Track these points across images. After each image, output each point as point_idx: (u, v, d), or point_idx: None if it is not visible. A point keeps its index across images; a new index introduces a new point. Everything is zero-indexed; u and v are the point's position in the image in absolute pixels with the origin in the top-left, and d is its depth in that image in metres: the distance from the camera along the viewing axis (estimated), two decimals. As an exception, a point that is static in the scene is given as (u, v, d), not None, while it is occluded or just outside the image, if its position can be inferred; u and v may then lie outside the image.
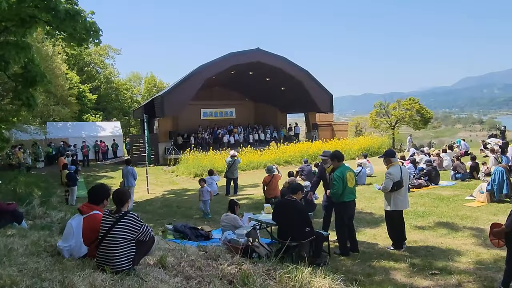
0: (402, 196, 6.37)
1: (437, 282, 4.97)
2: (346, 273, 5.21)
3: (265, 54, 25.70)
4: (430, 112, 33.74)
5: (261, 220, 6.86)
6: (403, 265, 5.59)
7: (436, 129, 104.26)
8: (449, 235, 7.02)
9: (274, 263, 4.77)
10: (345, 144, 25.51)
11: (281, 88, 28.67)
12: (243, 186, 14.84)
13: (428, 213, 8.65)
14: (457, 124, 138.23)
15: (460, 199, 10.04)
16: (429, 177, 12.44)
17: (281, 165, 20.48)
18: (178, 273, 4.11)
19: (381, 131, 32.84)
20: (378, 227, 7.74)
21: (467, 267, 5.44)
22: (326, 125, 32.05)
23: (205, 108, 30.30)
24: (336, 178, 6.13)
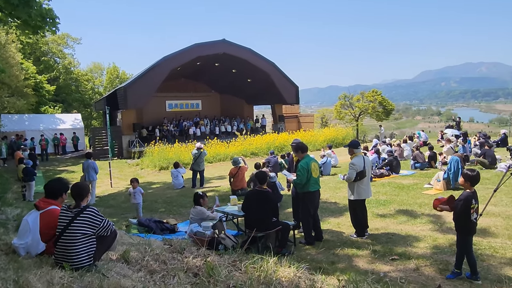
0: (364, 185, 6.54)
1: (397, 267, 5.16)
2: (311, 262, 5.32)
3: (231, 45, 25.51)
4: (392, 104, 34.82)
5: (227, 212, 6.85)
6: (365, 252, 5.77)
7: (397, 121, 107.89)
8: (408, 222, 7.30)
9: (240, 254, 4.79)
10: (311, 135, 25.90)
11: (247, 80, 28.63)
12: (209, 178, 14.76)
13: (389, 202, 8.94)
14: (417, 116, 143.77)
15: (419, 187, 10.45)
16: (391, 166, 12.87)
17: (248, 157, 20.54)
18: (142, 267, 4.04)
19: (345, 123, 33.58)
20: (342, 216, 7.93)
21: (424, 252, 5.68)
22: (292, 116, 32.38)
23: (171, 100, 29.77)
24: (300, 169, 6.20)
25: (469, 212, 4.53)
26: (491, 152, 12.98)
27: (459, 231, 4.70)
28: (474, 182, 4.63)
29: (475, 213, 4.61)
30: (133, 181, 9.23)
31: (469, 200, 4.51)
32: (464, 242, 4.67)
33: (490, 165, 12.43)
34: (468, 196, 4.54)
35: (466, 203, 4.52)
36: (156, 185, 14.59)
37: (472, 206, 4.51)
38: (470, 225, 4.60)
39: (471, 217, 4.53)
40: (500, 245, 5.79)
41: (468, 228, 4.62)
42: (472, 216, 4.54)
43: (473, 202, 4.51)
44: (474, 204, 4.52)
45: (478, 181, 4.65)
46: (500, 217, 7.15)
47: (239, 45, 26.15)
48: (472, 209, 4.52)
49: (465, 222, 4.59)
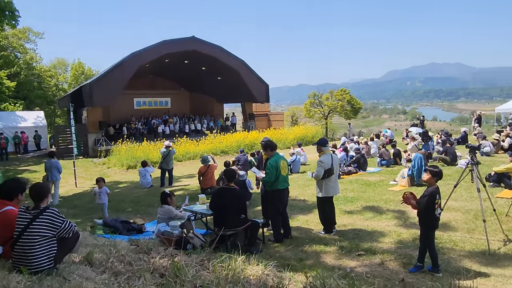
0: (332, 183, 6.64)
1: (363, 262, 5.28)
2: (279, 259, 5.35)
3: (200, 42, 25.25)
4: (360, 103, 35.64)
5: (196, 211, 6.77)
6: (333, 248, 5.86)
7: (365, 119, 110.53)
8: (374, 218, 7.48)
9: (209, 253, 4.75)
10: (281, 133, 26.07)
11: (217, 78, 28.44)
12: (179, 177, 14.57)
13: (357, 198, 9.13)
14: (384, 114, 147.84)
15: (385, 184, 10.74)
16: (358, 164, 13.16)
17: (218, 155, 20.43)
18: (106, 269, 3.92)
19: (315, 121, 34.05)
20: (310, 213, 8.02)
21: (389, 247, 5.84)
22: (263, 115, 32.47)
23: (139, 97, 29.16)
24: (269, 167, 6.22)
25: (433, 207, 4.70)
26: (452, 150, 13.51)
27: (423, 226, 4.86)
28: (439, 178, 4.81)
29: (439, 208, 4.79)
30: (99, 180, 8.97)
31: (434, 195, 4.69)
32: (427, 237, 4.83)
33: (451, 162, 12.94)
34: (433, 192, 4.71)
35: (431, 198, 4.69)
36: (123, 184, 14.25)
37: (436, 201, 4.69)
38: (434, 220, 4.77)
39: (435, 212, 4.71)
40: (460, 238, 6.03)
41: (432, 223, 4.80)
42: (436, 211, 4.72)
43: (437, 197, 4.69)
44: (437, 200, 4.70)
45: (441, 177, 4.84)
46: (460, 211, 7.45)
47: (209, 42, 25.93)
48: (436, 204, 4.69)
49: (429, 217, 4.75)
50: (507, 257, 5.22)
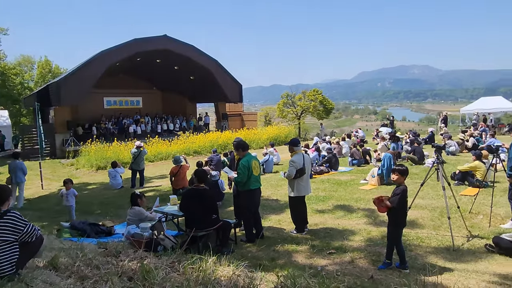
0: (304, 182, 6.70)
1: (334, 260, 5.35)
2: (251, 259, 5.34)
3: (173, 41, 24.93)
4: (332, 103, 36.18)
5: (167, 212, 6.67)
6: (304, 247, 5.91)
7: (337, 119, 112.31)
8: (345, 217, 7.60)
9: (179, 254, 4.69)
10: (254, 133, 26.10)
11: (190, 77, 28.18)
12: (150, 177, 14.34)
13: (328, 197, 9.26)
14: (355, 115, 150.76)
15: (356, 183, 10.94)
16: (330, 163, 13.35)
17: (191, 155, 20.25)
18: (72, 273, 3.80)
19: (288, 121, 34.30)
20: (283, 213, 8.06)
21: (359, 245, 5.95)
22: (236, 115, 32.45)
23: (109, 96, 28.49)
24: (241, 167, 6.21)
25: (405, 205, 4.82)
26: (420, 149, 13.94)
27: (393, 224, 4.96)
28: (406, 176, 4.96)
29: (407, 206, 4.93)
30: (66, 182, 8.68)
31: (405, 193, 4.80)
32: (396, 234, 4.95)
33: (419, 161, 13.34)
34: (404, 190, 4.82)
35: (403, 196, 4.80)
36: (93, 186, 13.88)
37: (407, 199, 4.82)
38: (404, 217, 4.89)
39: (406, 209, 4.84)
40: (426, 235, 6.22)
41: (403, 221, 4.91)
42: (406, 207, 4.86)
43: (407, 195, 4.82)
44: (407, 197, 4.84)
45: (407, 176, 4.99)
46: (426, 209, 7.68)
47: (182, 41, 25.65)
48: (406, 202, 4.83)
49: (401, 215, 4.86)
50: (469, 252, 5.42)
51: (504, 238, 5.29)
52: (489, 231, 6.22)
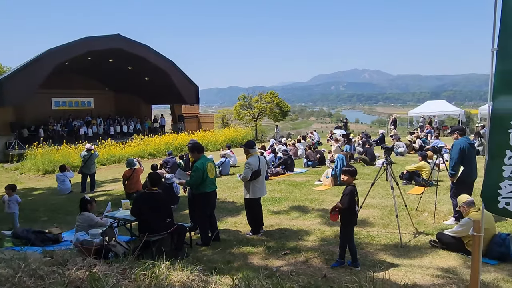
0: (259, 184, 6.73)
1: (288, 261, 5.42)
2: (206, 263, 5.29)
3: (126, 41, 24.22)
4: (288, 106, 36.73)
5: (119, 217, 6.45)
6: (260, 249, 5.94)
7: (294, 121, 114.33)
8: (300, 217, 7.73)
9: (131, 261, 4.53)
10: (211, 135, 25.93)
11: (145, 78, 27.51)
12: (102, 181, 13.80)
13: (284, 199, 9.37)
14: (311, 117, 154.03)
15: (311, 184, 11.16)
16: (286, 165, 13.53)
17: (145, 158, 19.77)
18: (13, 285, 3.57)
19: (245, 123, 34.38)
20: (239, 215, 8.06)
21: (313, 245, 6.07)
22: (192, 116, 32.07)
23: (57, 97, 27.10)
24: (195, 169, 6.14)
25: (354, 204, 4.97)
26: (371, 150, 14.50)
27: (344, 223, 5.11)
28: (355, 176, 5.12)
29: (357, 205, 5.09)
30: (7, 188, 8.14)
31: (353, 193, 4.96)
32: (347, 233, 5.09)
33: (370, 161, 13.88)
34: (352, 190, 4.98)
35: (352, 196, 4.95)
36: (39, 191, 13.13)
37: (356, 198, 4.98)
38: (354, 217, 5.05)
39: (355, 208, 5.00)
40: (376, 233, 6.46)
41: (353, 220, 5.07)
42: (356, 207, 5.01)
43: (356, 194, 4.98)
44: (356, 196, 5.00)
45: (355, 176, 5.16)
46: (377, 208, 7.99)
47: (136, 41, 24.97)
48: (355, 201, 4.98)
49: (351, 214, 5.01)
50: (416, 248, 5.70)
51: (446, 233, 5.61)
52: (433, 227, 6.58)
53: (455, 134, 6.94)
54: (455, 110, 29.26)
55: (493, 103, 3.20)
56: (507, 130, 3.15)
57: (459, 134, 6.85)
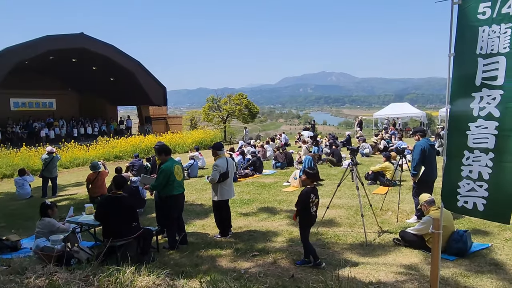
0: (227, 186, 6.71)
1: (257, 262, 5.43)
2: (173, 267, 5.22)
3: (90, 40, 23.52)
4: (257, 107, 36.88)
5: (82, 222, 6.24)
6: (228, 251, 5.92)
7: (263, 123, 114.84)
8: (268, 219, 7.77)
9: (95, 267, 4.39)
10: (179, 137, 25.62)
11: (110, 79, 26.80)
12: (64, 185, 13.32)
13: (252, 200, 9.39)
14: (280, 119, 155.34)
15: (279, 185, 11.25)
16: (254, 166, 13.57)
17: (111, 160, 19.27)
18: (-34, 297, 3.38)
19: (214, 125, 34.22)
20: (207, 218, 8.00)
21: (281, 246, 6.12)
22: (160, 118, 31.57)
23: (17, 97, 25.96)
24: (161, 171, 6.05)
25: (308, 205, 5.01)
26: (338, 152, 14.79)
27: (300, 224, 5.18)
28: (314, 179, 5.15)
29: (314, 206, 5.10)
30: None
31: (308, 194, 5.00)
32: (303, 233, 5.15)
33: (337, 162, 14.16)
34: (307, 191, 5.03)
35: (306, 197, 5.01)
36: (-4, 196, 12.51)
37: (311, 201, 5.00)
38: (309, 217, 5.09)
39: (311, 210, 5.03)
40: (343, 233, 6.59)
41: (307, 220, 5.11)
42: (312, 209, 5.03)
43: (312, 196, 5.00)
44: (313, 198, 5.02)
45: (315, 178, 5.21)
46: (343, 208, 8.15)
47: (100, 40, 24.30)
48: (312, 202, 5.01)
49: (305, 215, 5.07)
50: (380, 246, 5.86)
51: (408, 231, 5.80)
52: (396, 226, 6.79)
53: (417, 135, 7.20)
54: (417, 112, 30.38)
55: (451, 106, 3.35)
56: (464, 132, 3.31)
57: (420, 136, 7.11)
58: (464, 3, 3.13)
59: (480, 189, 3.31)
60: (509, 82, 3.00)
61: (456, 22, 3.20)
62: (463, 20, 3.15)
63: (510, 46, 2.94)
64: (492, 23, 2.99)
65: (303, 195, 5.04)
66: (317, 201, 5.09)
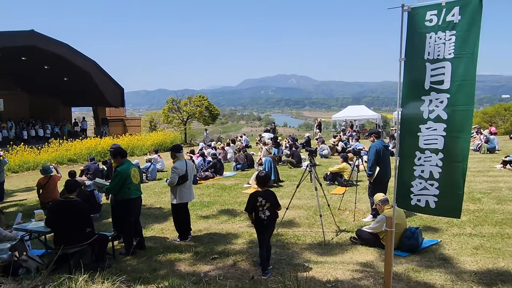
0: (187, 189, 6.62)
1: (217, 265, 5.39)
2: (131, 273, 5.08)
3: (42, 38, 22.38)
4: (218, 109, 36.67)
5: (31, 229, 5.90)
6: (188, 255, 5.83)
7: (224, 125, 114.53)
8: (229, 221, 7.73)
9: (45, 276, 4.18)
10: (138, 139, 24.97)
11: (64, 79, 25.66)
12: (13, 191, 12.58)
13: (212, 203, 9.32)
14: (241, 120, 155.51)
15: (240, 187, 11.24)
16: (215, 169, 13.47)
17: (65, 164, 18.47)
18: None
19: (174, 127, 33.64)
20: (166, 221, 7.84)
21: (241, 248, 6.11)
22: (118, 120, 30.62)
23: (-41, 97, 24.24)
24: (116, 174, 5.87)
25: (256, 209, 4.95)
26: (298, 153, 15.02)
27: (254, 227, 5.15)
28: (262, 183, 5.09)
29: (267, 210, 4.94)
30: None
31: (255, 198, 4.96)
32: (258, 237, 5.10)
33: (297, 164, 14.36)
34: (254, 195, 5.00)
35: (251, 200, 5.00)
36: None
37: (259, 204, 4.94)
38: (257, 221, 5.00)
39: (258, 214, 4.96)
40: (302, 233, 6.69)
41: (256, 224, 5.05)
42: (260, 213, 4.94)
43: (259, 200, 4.94)
44: (261, 202, 4.93)
45: (266, 182, 5.12)
46: (302, 209, 8.27)
47: (53, 38, 23.18)
48: (260, 206, 4.94)
49: (254, 218, 5.03)
50: (337, 245, 6.00)
51: (364, 230, 5.99)
52: (353, 225, 6.99)
53: (372, 137, 7.45)
54: (373, 115, 31.50)
55: (403, 109, 3.50)
56: (416, 134, 3.47)
57: (375, 137, 7.36)
58: (413, 11, 3.28)
59: (431, 187, 3.48)
60: (454, 86, 3.18)
61: (406, 29, 3.35)
62: (412, 26, 3.30)
63: (454, 52, 3.12)
64: (438, 30, 3.16)
65: (250, 198, 5.04)
66: (268, 205, 4.94)
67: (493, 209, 7.58)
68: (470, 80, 3.13)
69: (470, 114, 3.21)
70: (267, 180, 5.18)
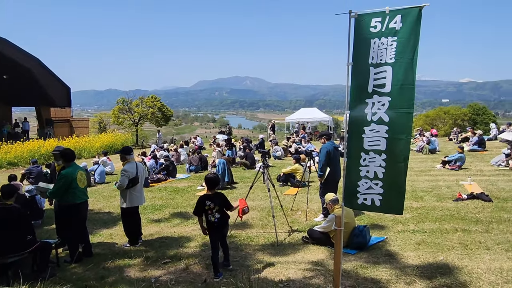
0: (137, 192, 6.42)
1: (168, 270, 5.27)
2: (76, 281, 4.84)
3: (-22, 32, 20.80)
4: (171, 110, 35.97)
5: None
6: (138, 260, 5.65)
7: (177, 126, 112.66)
8: (181, 224, 7.61)
9: (-22, 289, 3.88)
10: (86, 141, 23.89)
11: (3, 77, 23.96)
12: None
13: (165, 206, 9.12)
14: (195, 122, 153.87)
15: (193, 189, 11.10)
16: (167, 171, 13.22)
17: (4, 167, 17.26)
18: None
19: (125, 128, 32.56)
20: (115, 226, 7.57)
21: (194, 251, 6.03)
22: (64, 120, 29.06)
23: None
24: (60, 178, 5.57)
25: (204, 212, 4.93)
26: (252, 155, 15.11)
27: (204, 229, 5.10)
28: (210, 185, 5.05)
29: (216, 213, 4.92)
30: None
31: (203, 201, 4.93)
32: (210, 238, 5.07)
33: (251, 165, 14.44)
34: (202, 198, 4.97)
35: (198, 203, 4.98)
36: None
37: (207, 208, 4.90)
38: (208, 224, 4.97)
39: (208, 217, 4.92)
40: (255, 234, 6.73)
41: (207, 226, 5.00)
42: (210, 215, 4.91)
43: (207, 203, 4.90)
44: (209, 205, 4.90)
45: (214, 184, 5.07)
46: (256, 210, 8.32)
47: (-10, 33, 21.63)
48: (209, 209, 4.91)
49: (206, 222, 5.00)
50: (290, 245, 6.10)
51: (315, 229, 6.13)
52: (305, 225, 7.13)
53: (323, 138, 7.65)
54: (325, 117, 32.38)
55: (350, 112, 3.63)
56: (361, 135, 3.61)
57: (326, 139, 7.56)
58: (359, 17, 3.42)
59: (376, 187, 3.63)
60: (395, 90, 3.35)
61: (354, 34, 3.48)
62: (359, 32, 3.44)
63: (395, 57, 3.28)
64: (381, 36, 3.31)
65: (198, 202, 5.00)
66: (217, 208, 4.91)
67: (434, 206, 8.06)
68: (410, 84, 3.31)
69: (410, 116, 3.39)
70: (215, 182, 5.13)
